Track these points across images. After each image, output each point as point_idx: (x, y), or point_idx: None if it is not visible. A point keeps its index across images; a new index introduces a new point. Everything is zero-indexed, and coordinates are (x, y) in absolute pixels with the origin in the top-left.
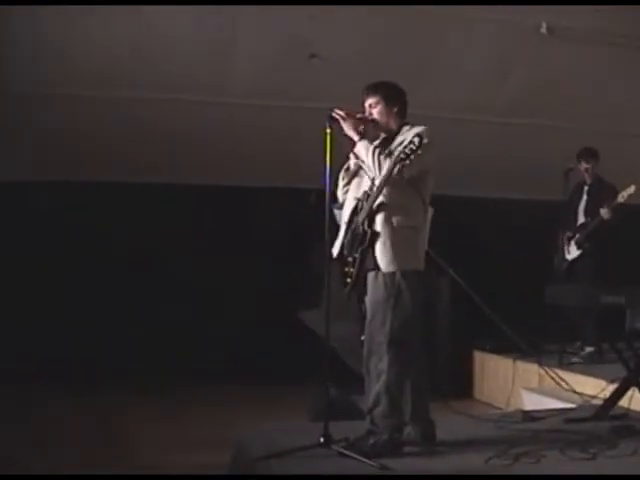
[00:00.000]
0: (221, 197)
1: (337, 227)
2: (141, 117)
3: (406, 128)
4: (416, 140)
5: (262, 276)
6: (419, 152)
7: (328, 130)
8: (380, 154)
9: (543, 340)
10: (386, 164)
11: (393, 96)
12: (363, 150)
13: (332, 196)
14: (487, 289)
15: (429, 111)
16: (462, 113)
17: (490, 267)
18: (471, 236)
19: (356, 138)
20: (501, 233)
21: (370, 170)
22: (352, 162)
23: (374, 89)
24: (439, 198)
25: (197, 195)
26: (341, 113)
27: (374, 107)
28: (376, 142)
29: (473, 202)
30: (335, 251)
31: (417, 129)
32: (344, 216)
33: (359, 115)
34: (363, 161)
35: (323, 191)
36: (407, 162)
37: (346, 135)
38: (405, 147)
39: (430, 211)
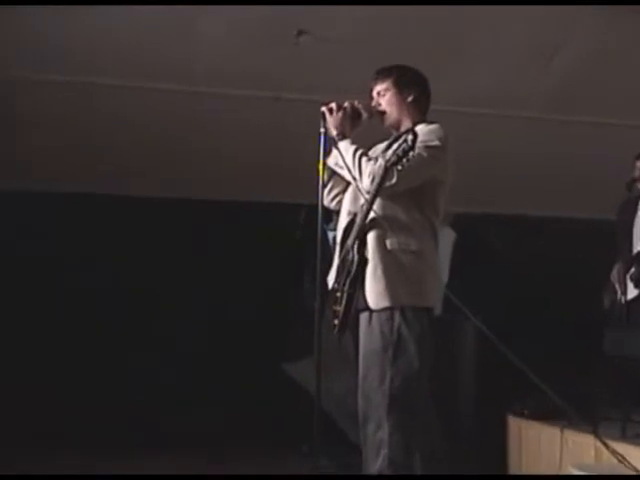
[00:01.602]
0: (182, 214)
1: (332, 252)
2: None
3: (421, 126)
4: (409, 138)
5: (236, 316)
6: (412, 154)
7: (322, 129)
8: (362, 156)
9: (601, 403)
10: (369, 168)
11: (408, 82)
12: (343, 152)
13: (326, 214)
14: (524, 334)
15: (450, 105)
16: (492, 107)
17: (528, 305)
18: (503, 265)
19: (336, 137)
20: (543, 262)
21: (349, 177)
22: (329, 163)
23: (385, 72)
24: (463, 217)
25: (147, 210)
26: (332, 105)
27: (383, 95)
28: (383, 144)
29: (505, 222)
30: (330, 282)
31: (428, 128)
32: (338, 236)
33: (357, 103)
34: (342, 166)
35: (316, 207)
36: (399, 167)
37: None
38: (397, 148)
39: (450, 234)
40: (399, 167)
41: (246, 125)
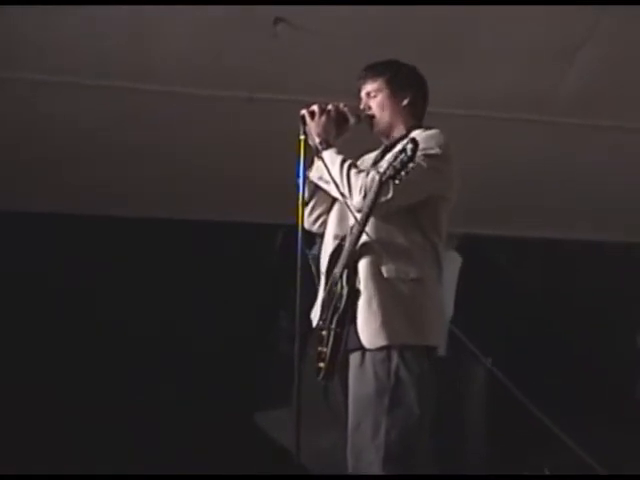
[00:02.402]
0: (141, 233)
1: (315, 283)
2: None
3: (417, 132)
4: (409, 147)
5: (199, 357)
6: (412, 165)
7: (302, 136)
8: (351, 167)
9: (633, 461)
10: (360, 182)
11: (404, 82)
12: (328, 163)
13: (308, 237)
14: (543, 377)
15: (459, 108)
16: (506, 111)
17: (547, 343)
18: (518, 296)
19: (319, 145)
20: (565, 292)
21: (336, 193)
22: (312, 176)
23: (377, 70)
24: (470, 239)
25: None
26: (313, 108)
27: (373, 97)
28: (372, 154)
29: (521, 245)
30: (315, 318)
31: (426, 134)
32: (323, 265)
33: (342, 106)
34: (327, 180)
35: (295, 229)
36: (397, 181)
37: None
38: (394, 158)
39: (455, 259)
40: (396, 181)
41: (212, 130)
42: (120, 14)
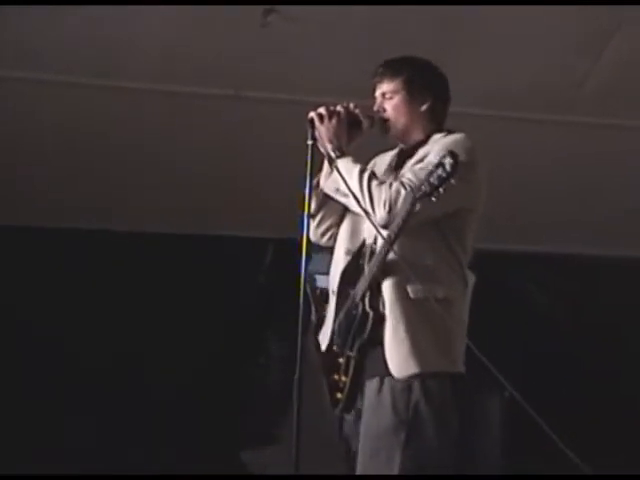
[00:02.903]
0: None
1: (318, 302)
2: None
3: (437, 136)
4: (448, 162)
5: (179, 389)
6: (452, 182)
7: (309, 141)
8: (372, 178)
9: None
10: (384, 194)
11: (424, 83)
12: (345, 173)
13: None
14: (567, 407)
15: (472, 107)
16: (524, 110)
17: (572, 369)
18: (538, 318)
19: (332, 153)
20: (590, 313)
21: (357, 208)
22: (326, 189)
23: (394, 68)
24: (485, 255)
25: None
26: (321, 111)
27: (389, 98)
28: (385, 156)
29: (542, 262)
30: (324, 342)
31: (450, 139)
32: (332, 282)
33: (353, 107)
34: (346, 194)
35: (288, 243)
36: (433, 198)
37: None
38: (429, 173)
39: (471, 277)
40: (433, 199)
41: (196, 131)
42: (101, 11)
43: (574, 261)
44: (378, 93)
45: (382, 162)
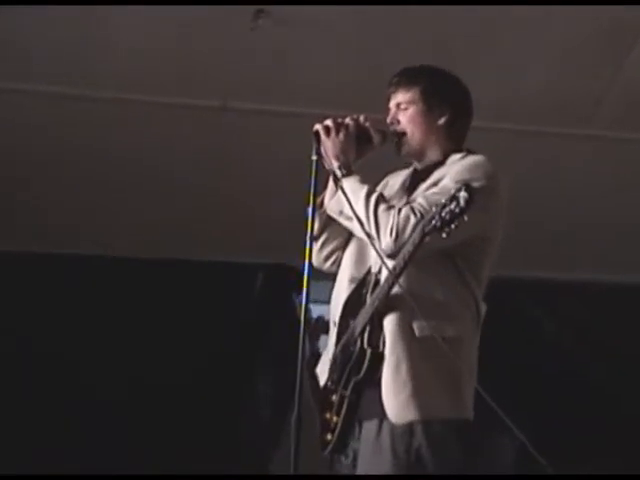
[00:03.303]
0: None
1: (313, 334)
2: None
3: (456, 157)
4: (462, 196)
5: (157, 430)
6: (465, 218)
7: (314, 157)
8: (380, 202)
9: None
10: (392, 220)
11: (443, 95)
12: (350, 195)
13: (298, 278)
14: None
15: (480, 120)
16: (539, 123)
17: (586, 405)
18: (548, 349)
19: (338, 171)
20: (605, 345)
21: (361, 233)
22: (330, 210)
23: (410, 77)
24: (494, 282)
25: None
26: (328, 123)
27: (404, 109)
28: (398, 176)
29: (553, 290)
30: (322, 376)
31: (469, 162)
32: (333, 312)
33: (364, 120)
34: (349, 217)
35: (279, 269)
36: (444, 235)
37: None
38: (442, 207)
39: (483, 307)
40: (443, 235)
41: (181, 145)
42: (75, 14)
43: (587, 288)
44: (392, 104)
45: (394, 182)
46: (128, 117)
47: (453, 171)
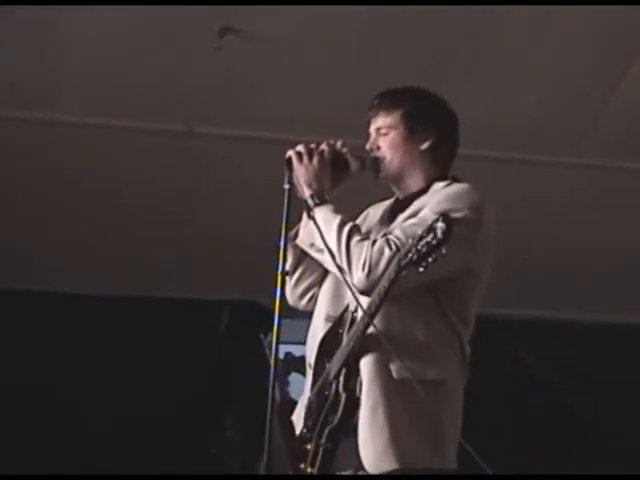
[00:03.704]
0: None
1: (283, 376)
2: None
3: (439, 185)
4: (439, 227)
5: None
6: (443, 251)
7: (286, 186)
8: (353, 233)
9: None
10: (365, 253)
11: (426, 118)
12: (322, 225)
13: (266, 317)
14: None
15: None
16: (527, 151)
17: (576, 450)
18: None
19: (310, 200)
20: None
21: (332, 266)
22: (300, 242)
23: (391, 100)
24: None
25: None
26: (299, 149)
27: (384, 134)
28: (380, 207)
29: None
30: (298, 424)
31: (451, 191)
32: (309, 354)
33: (340, 146)
34: (320, 249)
35: (247, 307)
36: (421, 269)
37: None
38: (419, 239)
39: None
40: (420, 269)
41: (142, 173)
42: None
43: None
44: (372, 129)
45: (375, 214)
46: (88, 142)
47: (434, 201)
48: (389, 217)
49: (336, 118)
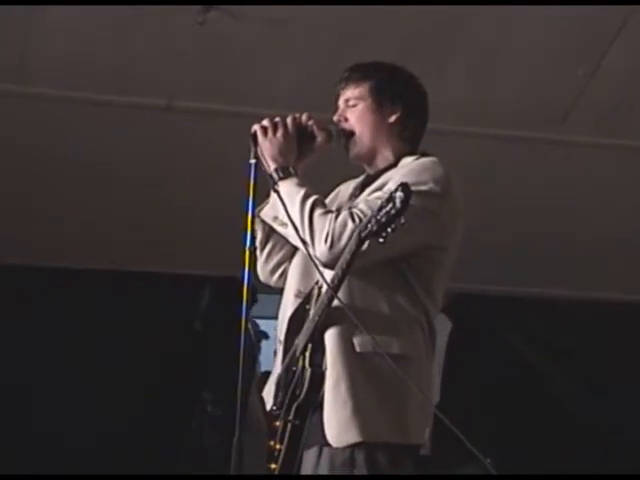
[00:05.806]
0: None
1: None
2: None
3: (408, 160)
4: (398, 197)
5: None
6: (402, 220)
7: (252, 160)
8: (316, 206)
9: None
10: (328, 226)
11: (394, 91)
12: (286, 198)
13: (254, 295)
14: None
15: (448, 124)
16: (510, 128)
17: (560, 431)
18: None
19: (275, 173)
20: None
21: (296, 240)
22: (264, 215)
23: (360, 72)
24: (463, 299)
25: None
26: (265, 123)
27: (352, 106)
28: (351, 183)
29: (529, 307)
30: (268, 399)
31: (417, 165)
32: (279, 330)
33: (306, 119)
34: (284, 222)
35: (228, 283)
36: (380, 239)
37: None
38: (379, 209)
39: (444, 324)
40: (380, 240)
41: (121, 147)
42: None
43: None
44: (341, 100)
45: (346, 191)
46: (68, 116)
47: (399, 174)
48: (358, 193)
49: (319, 94)
